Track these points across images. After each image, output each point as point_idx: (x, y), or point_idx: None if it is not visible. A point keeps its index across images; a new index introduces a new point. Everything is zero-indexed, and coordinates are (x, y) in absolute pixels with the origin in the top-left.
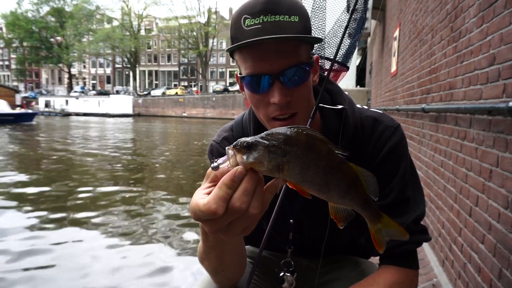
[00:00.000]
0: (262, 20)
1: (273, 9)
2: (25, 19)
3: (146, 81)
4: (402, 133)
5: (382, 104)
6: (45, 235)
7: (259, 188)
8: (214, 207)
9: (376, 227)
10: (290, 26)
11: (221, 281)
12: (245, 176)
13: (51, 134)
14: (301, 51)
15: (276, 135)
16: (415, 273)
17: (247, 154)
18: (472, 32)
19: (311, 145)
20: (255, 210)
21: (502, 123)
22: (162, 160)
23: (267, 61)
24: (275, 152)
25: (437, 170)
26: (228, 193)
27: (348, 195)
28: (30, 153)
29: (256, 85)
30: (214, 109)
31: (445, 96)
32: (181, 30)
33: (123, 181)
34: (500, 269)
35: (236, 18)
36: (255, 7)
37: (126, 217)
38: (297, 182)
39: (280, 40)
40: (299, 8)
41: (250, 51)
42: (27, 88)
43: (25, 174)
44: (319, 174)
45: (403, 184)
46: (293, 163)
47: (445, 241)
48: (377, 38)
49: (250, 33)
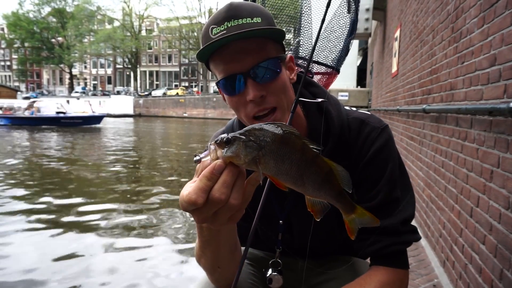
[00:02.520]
0: (226, 26)
1: (235, 15)
2: (27, 20)
3: (147, 82)
4: (390, 134)
5: (383, 105)
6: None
7: (239, 180)
8: (194, 197)
9: (350, 217)
10: (253, 26)
11: (219, 280)
12: (224, 169)
13: (118, 138)
14: (268, 48)
15: (253, 130)
16: (405, 273)
17: (226, 149)
18: (473, 33)
19: (286, 140)
20: (235, 201)
21: (503, 123)
22: (163, 160)
23: (236, 61)
24: (251, 146)
25: (438, 171)
26: (207, 184)
27: (322, 188)
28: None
29: (231, 87)
30: (214, 110)
31: (446, 96)
32: (182, 30)
33: (123, 182)
34: (501, 270)
35: (204, 30)
36: (219, 16)
37: (126, 217)
38: (273, 174)
39: (245, 38)
40: (260, 10)
41: (220, 56)
42: (28, 89)
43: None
44: (294, 167)
45: (391, 185)
46: (268, 157)
47: (446, 241)
48: (378, 39)
49: (217, 39)
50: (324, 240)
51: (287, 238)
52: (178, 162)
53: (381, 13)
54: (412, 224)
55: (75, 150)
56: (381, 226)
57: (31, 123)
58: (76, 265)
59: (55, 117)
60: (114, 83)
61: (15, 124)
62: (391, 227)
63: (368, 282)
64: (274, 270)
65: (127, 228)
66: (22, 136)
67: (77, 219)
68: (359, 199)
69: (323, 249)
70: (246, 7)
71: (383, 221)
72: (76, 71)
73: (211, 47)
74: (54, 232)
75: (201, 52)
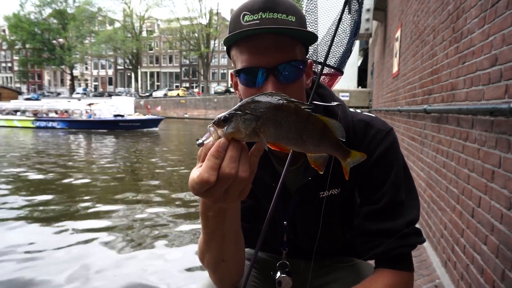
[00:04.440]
0: (260, 17)
1: (272, 7)
2: (28, 21)
3: (148, 83)
4: (394, 136)
5: (384, 105)
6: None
7: (244, 154)
8: (207, 176)
9: (347, 162)
10: (287, 24)
11: (222, 278)
12: (228, 146)
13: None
14: (296, 49)
15: (247, 104)
16: (410, 275)
17: (226, 127)
18: (474, 33)
19: (280, 106)
20: (245, 173)
21: (504, 124)
22: (165, 161)
23: (263, 54)
24: (249, 119)
25: (439, 171)
26: (216, 162)
27: (322, 142)
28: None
29: (250, 79)
30: (215, 110)
31: (447, 97)
32: (183, 31)
33: (125, 182)
34: (503, 270)
35: (235, 15)
36: (255, 5)
37: (125, 217)
38: (274, 140)
39: (277, 34)
40: (297, 9)
41: (247, 44)
42: (29, 90)
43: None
44: (292, 129)
45: (396, 187)
46: (266, 125)
47: (447, 242)
48: (379, 39)
49: (248, 27)
50: (328, 240)
51: (292, 240)
52: (179, 162)
53: (382, 13)
54: (417, 227)
55: (155, 155)
56: (386, 228)
57: (88, 127)
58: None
59: (114, 120)
60: (115, 84)
61: (72, 128)
62: (396, 230)
63: (374, 285)
64: (282, 272)
65: (125, 228)
66: (96, 140)
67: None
68: (363, 201)
69: (327, 250)
70: (284, 2)
71: (388, 224)
72: (77, 72)
73: (240, 34)
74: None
75: (229, 37)
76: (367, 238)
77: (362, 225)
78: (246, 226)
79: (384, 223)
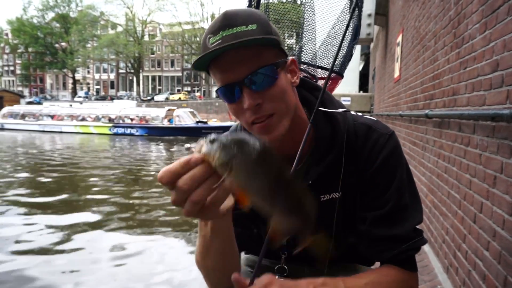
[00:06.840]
0: (221, 36)
1: (230, 24)
2: (31, 25)
3: (150, 86)
4: (397, 140)
5: (385, 110)
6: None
7: (209, 182)
8: (160, 175)
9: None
10: (248, 34)
11: (218, 284)
12: (198, 164)
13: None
14: (263, 55)
15: (237, 139)
16: (415, 275)
17: (207, 146)
18: (475, 38)
19: (262, 159)
20: (196, 198)
21: (506, 129)
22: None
23: (230, 70)
24: (227, 152)
25: (440, 176)
26: (177, 170)
27: (292, 214)
28: None
29: (229, 95)
30: (217, 114)
31: (449, 102)
32: (185, 35)
33: (125, 184)
34: (505, 277)
35: (203, 40)
36: (215, 26)
37: (125, 217)
38: (243, 187)
39: (239, 48)
40: (256, 16)
41: (216, 65)
42: (31, 93)
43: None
44: (266, 186)
45: (400, 192)
46: (240, 168)
47: (449, 247)
48: (380, 44)
49: (213, 48)
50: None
51: (290, 244)
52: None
53: (383, 18)
54: (420, 228)
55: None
56: (394, 234)
57: (168, 133)
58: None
59: (196, 127)
60: (117, 88)
61: (151, 135)
62: (404, 235)
63: (384, 274)
64: (280, 276)
65: (126, 228)
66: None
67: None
68: (367, 207)
69: (331, 256)
70: (241, 15)
71: (396, 230)
72: (79, 76)
73: (208, 57)
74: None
75: (198, 61)
76: (375, 244)
77: (369, 232)
78: (243, 232)
79: (391, 229)
